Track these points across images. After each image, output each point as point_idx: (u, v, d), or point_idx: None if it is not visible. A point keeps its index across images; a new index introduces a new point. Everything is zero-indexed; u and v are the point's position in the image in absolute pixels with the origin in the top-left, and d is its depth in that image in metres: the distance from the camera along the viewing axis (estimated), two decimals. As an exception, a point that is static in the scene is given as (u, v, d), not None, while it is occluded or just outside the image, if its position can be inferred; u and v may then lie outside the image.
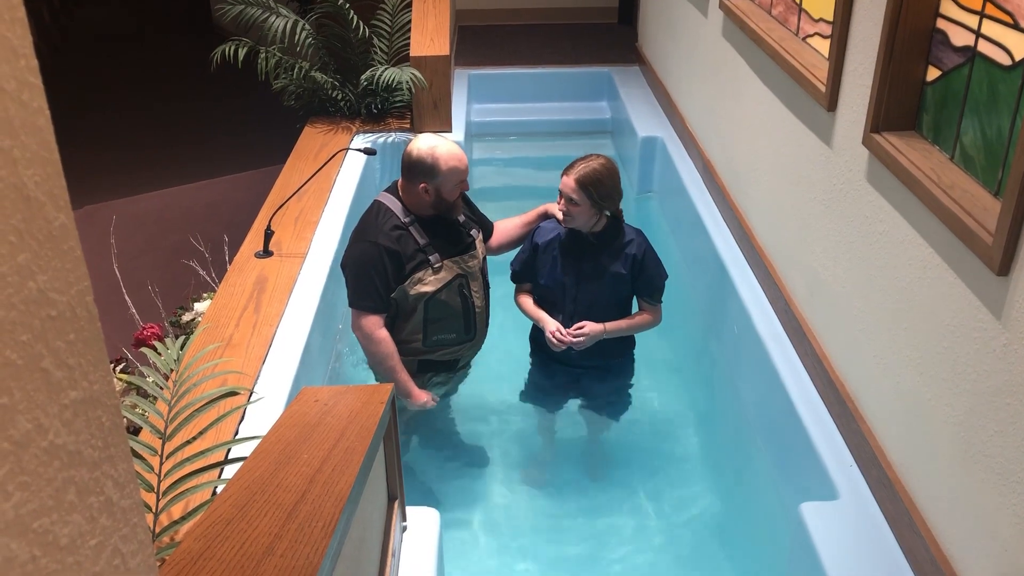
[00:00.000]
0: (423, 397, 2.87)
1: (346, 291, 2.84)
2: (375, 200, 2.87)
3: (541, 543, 2.92)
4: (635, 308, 2.99)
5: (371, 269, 2.72)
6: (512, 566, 2.85)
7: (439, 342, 2.88)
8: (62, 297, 0.56)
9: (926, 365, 2.22)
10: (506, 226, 3.12)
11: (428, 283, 2.77)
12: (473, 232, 2.92)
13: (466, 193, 2.95)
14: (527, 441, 3.30)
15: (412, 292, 2.76)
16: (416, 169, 2.73)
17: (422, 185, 2.73)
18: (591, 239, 2.83)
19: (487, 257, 3.03)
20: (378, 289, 2.73)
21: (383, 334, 2.77)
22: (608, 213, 2.81)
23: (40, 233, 0.54)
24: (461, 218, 2.89)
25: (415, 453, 3.19)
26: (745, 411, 3.31)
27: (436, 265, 2.77)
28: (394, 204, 2.80)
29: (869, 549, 2.34)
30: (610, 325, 2.85)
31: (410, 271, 2.75)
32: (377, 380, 2.98)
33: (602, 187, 2.71)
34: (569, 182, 2.71)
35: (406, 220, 2.77)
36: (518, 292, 3.01)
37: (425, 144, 2.74)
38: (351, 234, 2.88)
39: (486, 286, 2.96)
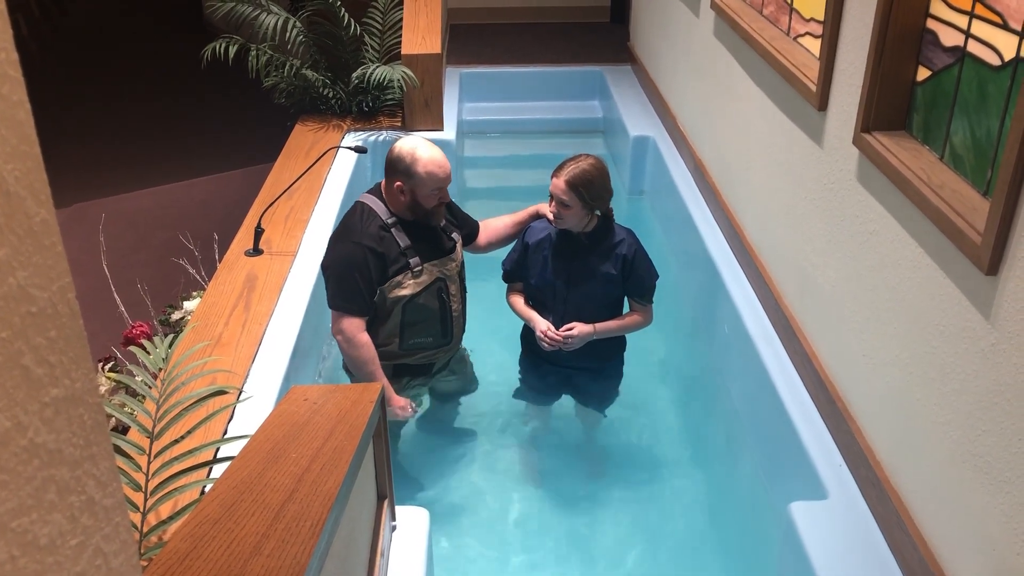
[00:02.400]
0: (401, 403, 2.82)
1: (326, 293, 2.80)
2: (357, 201, 2.82)
3: (530, 542, 2.92)
4: (626, 309, 2.98)
5: (355, 271, 2.67)
6: (501, 565, 2.85)
7: (415, 345, 2.84)
8: (43, 293, 0.56)
9: (915, 364, 2.23)
10: (496, 224, 3.10)
11: (407, 287, 2.73)
12: (454, 236, 2.89)
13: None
14: (517, 441, 3.30)
15: (390, 295, 2.73)
16: (395, 166, 2.69)
17: (397, 184, 2.69)
18: (582, 239, 2.82)
19: (464, 261, 2.99)
20: (361, 291, 2.69)
21: (364, 338, 2.72)
22: (599, 213, 2.81)
23: (20, 228, 0.53)
24: (443, 222, 2.86)
25: (405, 452, 3.19)
26: (735, 410, 3.31)
27: (416, 269, 2.73)
28: (377, 205, 2.76)
29: (858, 548, 2.34)
30: (600, 326, 2.84)
31: (392, 274, 2.71)
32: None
33: (592, 188, 2.70)
34: (559, 184, 2.70)
35: (389, 221, 2.72)
36: (510, 292, 3.00)
37: (409, 143, 2.71)
38: (332, 235, 2.84)
39: (463, 290, 2.94)
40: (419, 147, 2.69)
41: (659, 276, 2.92)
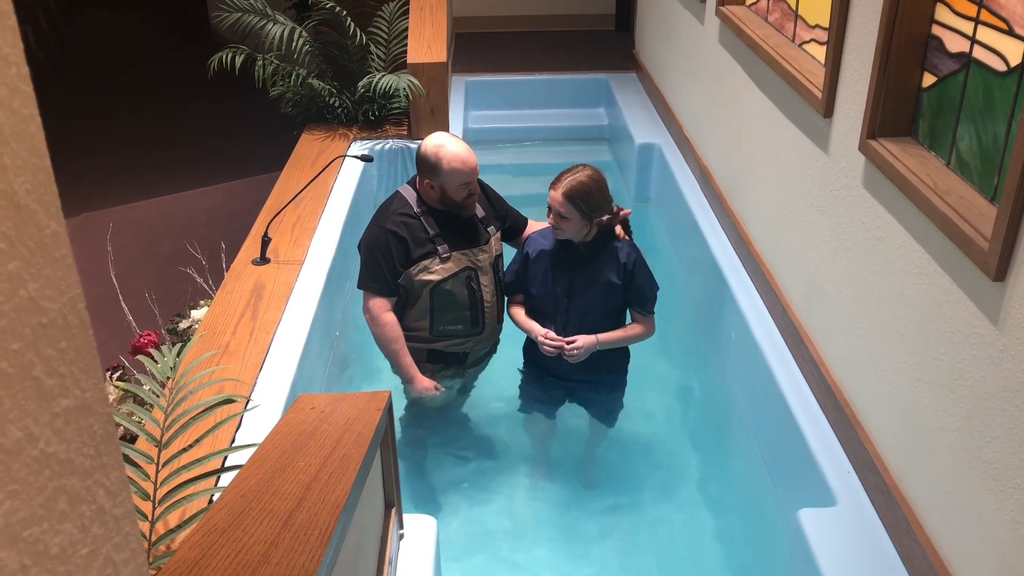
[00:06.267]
0: (426, 383, 2.89)
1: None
2: (396, 190, 2.96)
3: (537, 551, 2.92)
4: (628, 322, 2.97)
5: (378, 252, 2.81)
6: (508, 574, 2.84)
7: (445, 332, 2.92)
8: (53, 305, 0.56)
9: (923, 371, 2.22)
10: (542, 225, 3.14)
11: (434, 271, 2.83)
12: (490, 229, 2.97)
13: (493, 189, 3.06)
14: (523, 451, 3.29)
15: (417, 279, 2.83)
16: (422, 165, 2.82)
17: (427, 181, 2.82)
18: (582, 249, 2.82)
19: (502, 254, 3.05)
20: (384, 272, 2.81)
21: (389, 317, 2.84)
22: (598, 222, 2.80)
23: (31, 241, 0.54)
24: (480, 214, 2.93)
25: (412, 461, 3.19)
26: (742, 417, 3.30)
27: (444, 255, 2.83)
28: (410, 195, 2.89)
29: (867, 555, 2.33)
30: (603, 336, 2.82)
31: (417, 258, 2.82)
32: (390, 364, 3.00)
33: (590, 199, 2.70)
34: (557, 196, 2.70)
35: (419, 210, 2.85)
36: (510, 304, 3.00)
37: (432, 141, 2.82)
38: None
39: (496, 281, 2.98)
40: (443, 145, 2.79)
41: (659, 288, 2.91)
